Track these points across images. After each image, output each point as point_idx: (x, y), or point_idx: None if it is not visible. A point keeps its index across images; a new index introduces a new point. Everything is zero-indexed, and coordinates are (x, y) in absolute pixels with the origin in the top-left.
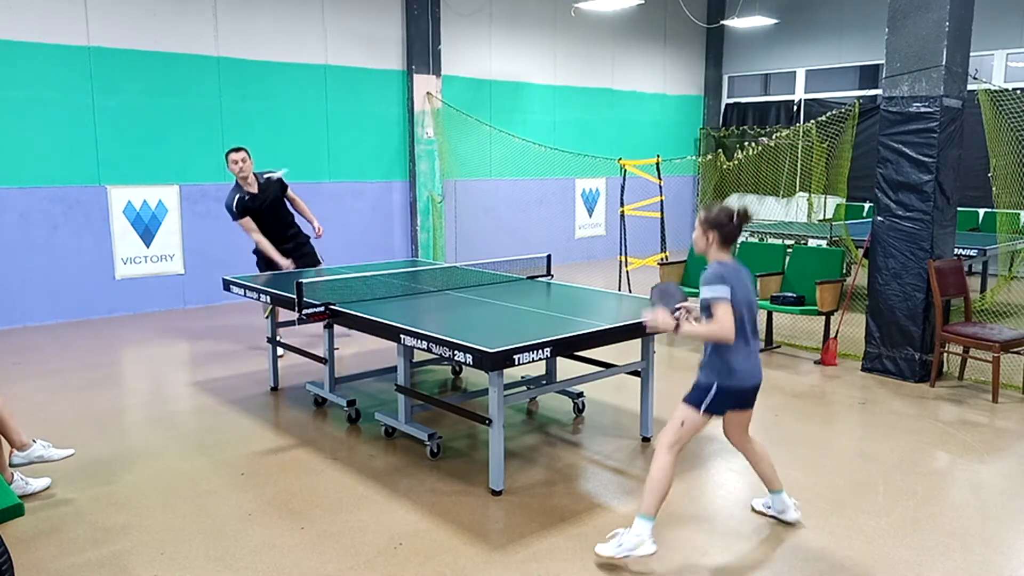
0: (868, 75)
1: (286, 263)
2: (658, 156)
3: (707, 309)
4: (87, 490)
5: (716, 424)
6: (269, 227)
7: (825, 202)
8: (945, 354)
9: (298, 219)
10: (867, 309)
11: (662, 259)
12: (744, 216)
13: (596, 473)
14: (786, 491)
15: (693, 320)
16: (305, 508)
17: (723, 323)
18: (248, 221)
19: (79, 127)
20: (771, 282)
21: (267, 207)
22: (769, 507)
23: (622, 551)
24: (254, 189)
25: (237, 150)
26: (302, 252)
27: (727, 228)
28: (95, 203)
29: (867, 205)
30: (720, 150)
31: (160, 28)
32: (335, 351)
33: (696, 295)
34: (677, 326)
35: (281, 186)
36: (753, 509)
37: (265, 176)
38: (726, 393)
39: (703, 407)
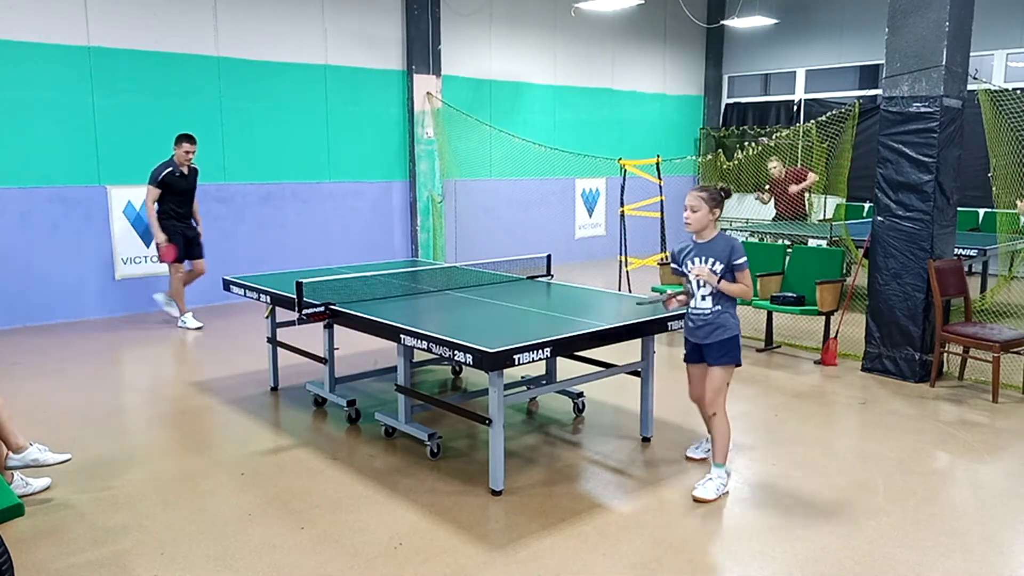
0: (868, 75)
1: (162, 238)
2: (658, 156)
3: (730, 272)
4: (87, 490)
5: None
6: (180, 205)
7: (825, 202)
8: (945, 354)
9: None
10: (867, 309)
11: (662, 259)
12: (728, 191)
13: (596, 473)
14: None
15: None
16: (305, 508)
17: (750, 284)
18: (156, 191)
19: (79, 127)
20: (771, 282)
21: (186, 188)
22: (708, 451)
23: (722, 490)
24: (185, 171)
25: (193, 141)
26: (195, 239)
27: (723, 205)
28: (95, 203)
29: (867, 205)
30: (720, 150)
31: (160, 28)
32: (335, 351)
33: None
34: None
35: (196, 176)
36: (689, 458)
37: (193, 165)
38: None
39: (738, 360)
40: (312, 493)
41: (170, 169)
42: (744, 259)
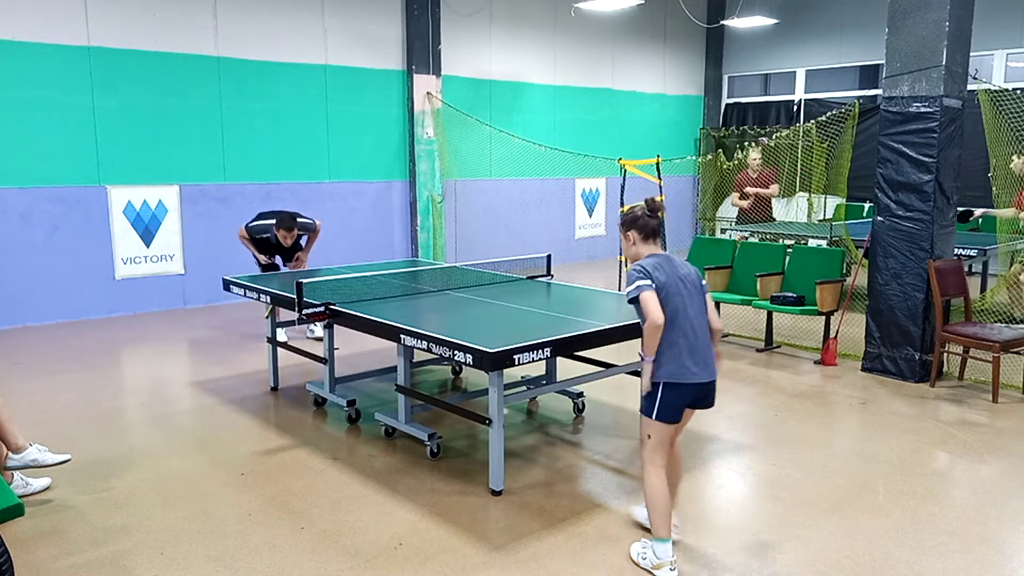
0: (868, 75)
1: (263, 259)
2: (658, 156)
3: (635, 305)
4: (87, 490)
5: (715, 423)
6: (271, 252)
7: (825, 202)
8: (945, 354)
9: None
10: (867, 309)
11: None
12: (653, 205)
13: (596, 473)
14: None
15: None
16: (305, 508)
17: (650, 312)
18: (246, 236)
19: (79, 127)
20: (771, 282)
21: (277, 247)
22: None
23: (645, 563)
24: (283, 241)
25: (290, 229)
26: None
27: (641, 222)
28: (95, 203)
29: (867, 205)
30: (720, 150)
31: (160, 28)
32: (335, 351)
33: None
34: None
35: (303, 239)
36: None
37: (298, 236)
38: (674, 392)
39: (654, 415)
40: (312, 493)
41: (268, 235)
42: (631, 287)
